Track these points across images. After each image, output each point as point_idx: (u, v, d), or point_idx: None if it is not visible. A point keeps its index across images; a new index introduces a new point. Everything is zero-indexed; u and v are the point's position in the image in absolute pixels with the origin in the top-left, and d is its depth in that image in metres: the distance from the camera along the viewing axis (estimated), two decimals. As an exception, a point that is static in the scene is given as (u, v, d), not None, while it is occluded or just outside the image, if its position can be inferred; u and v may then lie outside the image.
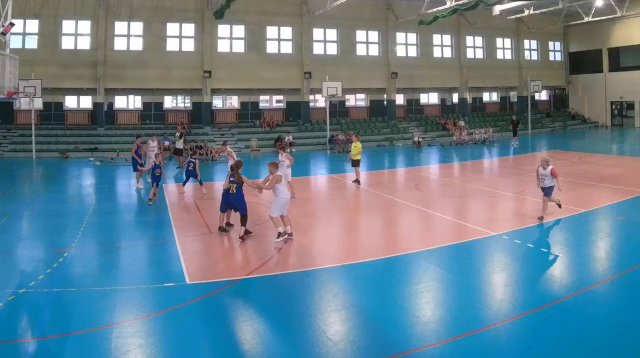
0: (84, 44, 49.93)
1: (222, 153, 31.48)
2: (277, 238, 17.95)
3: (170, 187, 29.56)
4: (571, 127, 67.44)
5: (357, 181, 29.91)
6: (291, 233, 18.21)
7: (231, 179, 18.53)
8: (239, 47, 54.80)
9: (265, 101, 58.68)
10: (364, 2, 55.97)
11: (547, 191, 20.43)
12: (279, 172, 18.60)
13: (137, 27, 51.35)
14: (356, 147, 30.62)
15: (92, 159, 42.54)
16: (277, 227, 18.07)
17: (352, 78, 55.54)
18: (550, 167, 20.10)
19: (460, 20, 61.36)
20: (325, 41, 57.95)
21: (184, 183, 28.44)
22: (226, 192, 18.78)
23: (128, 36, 51.30)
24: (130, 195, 28.28)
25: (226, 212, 19.37)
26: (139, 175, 30.03)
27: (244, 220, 18.35)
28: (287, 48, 56.46)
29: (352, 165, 30.79)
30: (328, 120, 52.47)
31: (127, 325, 11.44)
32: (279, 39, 56.08)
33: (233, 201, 18.51)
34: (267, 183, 18.30)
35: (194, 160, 27.88)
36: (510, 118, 56.46)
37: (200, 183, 28.16)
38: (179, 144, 40.65)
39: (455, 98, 64.84)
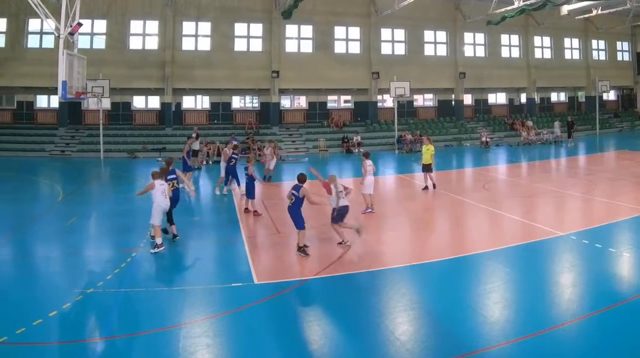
0: (152, 44, 46.36)
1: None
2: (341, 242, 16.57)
3: (238, 189, 26.07)
4: (639, 128, 60.88)
5: (426, 188, 26.29)
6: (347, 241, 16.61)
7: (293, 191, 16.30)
8: (307, 47, 49.79)
9: (333, 101, 53.32)
10: (432, 2, 50.37)
11: None
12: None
13: (205, 27, 47.27)
14: (428, 151, 26.35)
15: (159, 158, 38.41)
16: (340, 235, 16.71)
17: (420, 78, 49.89)
18: None
19: (528, 20, 54.91)
20: (393, 41, 52.00)
21: (238, 184, 25.38)
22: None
23: (196, 36, 47.11)
24: (198, 195, 26.12)
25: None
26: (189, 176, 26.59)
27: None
28: (355, 48, 50.87)
29: (423, 170, 26.78)
30: (396, 121, 48.21)
31: (195, 325, 10.90)
32: (347, 39, 50.65)
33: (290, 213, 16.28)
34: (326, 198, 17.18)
35: (236, 156, 25.03)
36: (566, 119, 51.23)
37: (238, 184, 25.31)
38: (195, 145, 35.74)
39: (523, 98, 58.33)
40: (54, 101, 45.54)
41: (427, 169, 26.33)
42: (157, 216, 16.28)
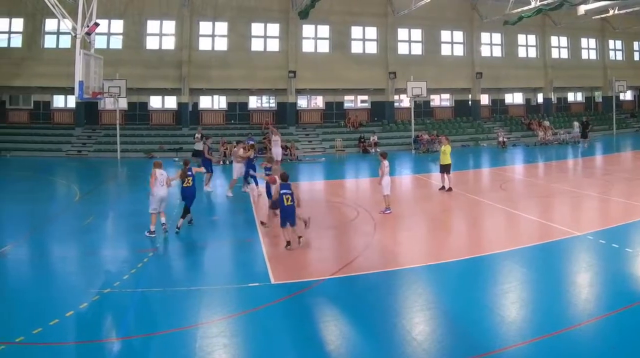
0: (169, 44, 45.37)
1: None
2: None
3: (256, 189, 25.48)
4: (655, 128, 59.20)
5: (443, 188, 25.41)
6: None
7: (283, 191, 16.05)
8: (324, 47, 48.52)
9: (350, 101, 52.03)
10: (449, 2, 48.96)
11: None
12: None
13: (222, 27, 46.15)
14: (446, 151, 25.58)
15: (176, 159, 37.67)
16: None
17: (437, 78, 48.40)
18: None
19: (545, 20, 53.37)
20: (410, 41, 50.58)
21: (257, 184, 24.93)
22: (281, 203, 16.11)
23: (213, 36, 46.04)
24: (216, 195, 25.52)
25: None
26: (209, 177, 26.54)
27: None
28: (371, 48, 49.51)
29: (441, 171, 25.77)
30: (413, 120, 46.86)
31: (212, 325, 10.67)
32: (364, 39, 49.29)
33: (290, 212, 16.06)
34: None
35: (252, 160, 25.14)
36: (581, 120, 49.74)
37: (256, 183, 24.94)
38: (199, 146, 34.50)
39: (540, 98, 56.79)
40: (71, 101, 44.73)
41: (445, 169, 25.44)
42: (152, 204, 17.01)
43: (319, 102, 51.18)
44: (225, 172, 32.78)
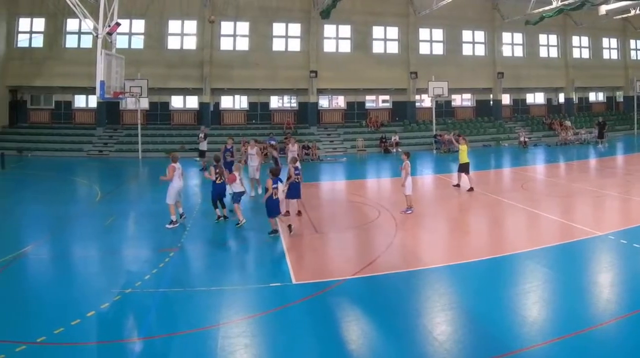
0: (190, 44, 44.25)
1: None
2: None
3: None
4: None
5: (458, 186, 25.38)
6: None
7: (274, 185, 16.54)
8: (345, 47, 46.98)
9: (371, 101, 50.44)
10: (470, 2, 47.17)
11: None
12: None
13: (243, 27, 45.03)
14: (464, 151, 25.29)
15: (198, 159, 36.08)
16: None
17: (458, 78, 46.85)
18: None
19: (566, 20, 51.56)
20: (431, 41, 48.94)
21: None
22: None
23: (234, 36, 44.93)
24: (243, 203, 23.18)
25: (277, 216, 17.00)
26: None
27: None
28: (393, 48, 47.90)
29: (459, 170, 25.62)
30: (434, 120, 45.26)
31: (233, 325, 10.38)
32: (385, 39, 47.69)
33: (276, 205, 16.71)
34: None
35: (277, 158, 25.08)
36: (597, 120, 47.84)
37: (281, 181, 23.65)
38: (203, 146, 34.01)
39: (561, 98, 55.05)
40: (92, 101, 43.67)
41: (464, 168, 25.16)
42: (172, 196, 17.55)
43: (340, 102, 49.79)
44: (245, 172, 31.36)
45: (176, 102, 46.33)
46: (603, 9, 47.01)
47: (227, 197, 19.28)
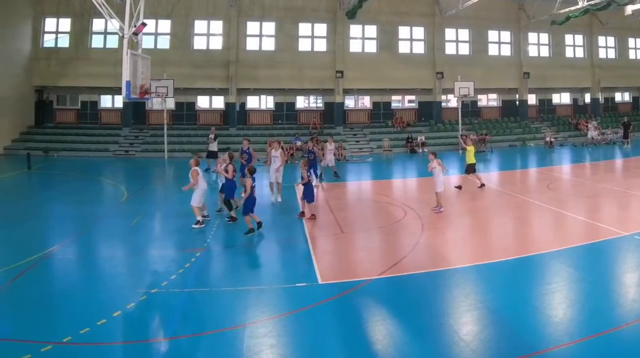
0: (216, 44, 42.90)
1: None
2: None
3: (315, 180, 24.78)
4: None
5: (460, 187, 24.16)
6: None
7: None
8: (371, 47, 45.24)
9: (397, 101, 48.67)
10: (496, 2, 45.26)
11: None
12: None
13: (269, 27, 43.53)
14: (471, 151, 24.76)
15: (204, 158, 34.28)
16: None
17: (484, 78, 45.04)
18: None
19: (592, 20, 49.44)
20: (457, 41, 47.08)
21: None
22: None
23: (260, 36, 43.46)
24: (262, 195, 22.56)
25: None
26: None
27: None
28: (419, 48, 46.10)
29: (467, 171, 24.90)
30: (460, 121, 43.35)
31: (260, 325, 10.06)
32: (411, 39, 45.92)
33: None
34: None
35: (314, 151, 24.42)
36: (622, 120, 45.83)
37: (321, 180, 25.22)
38: (213, 147, 32.27)
39: (587, 98, 52.98)
40: (118, 101, 42.24)
41: (470, 169, 24.66)
42: (198, 199, 17.17)
43: (366, 102, 47.98)
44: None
45: (202, 102, 44.99)
46: (629, 9, 44.96)
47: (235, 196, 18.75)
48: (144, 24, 24.15)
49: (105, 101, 43.92)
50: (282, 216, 19.70)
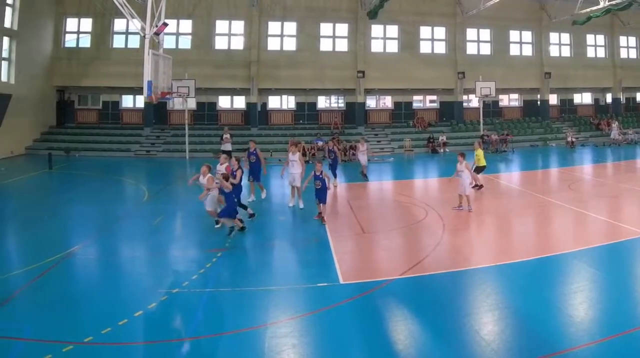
0: (238, 44, 41.85)
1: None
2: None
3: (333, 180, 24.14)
4: None
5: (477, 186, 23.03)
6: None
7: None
8: (393, 47, 43.99)
9: (419, 101, 47.32)
10: (517, 2, 44.00)
11: None
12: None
13: (291, 27, 42.40)
14: (479, 154, 24.23)
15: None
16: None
17: (506, 78, 43.79)
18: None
19: (613, 20, 47.89)
20: (478, 41, 45.69)
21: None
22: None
23: (281, 36, 42.31)
24: (283, 195, 23.05)
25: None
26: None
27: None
28: (440, 48, 44.83)
29: (476, 171, 23.31)
30: (482, 120, 42.60)
31: (281, 325, 9.78)
32: (433, 39, 44.63)
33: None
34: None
35: (335, 151, 23.81)
36: None
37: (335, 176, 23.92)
38: (227, 146, 31.75)
39: (608, 98, 51.37)
40: (140, 101, 41.08)
41: (480, 170, 23.95)
42: (211, 203, 16.27)
43: (387, 102, 46.72)
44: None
45: (224, 102, 43.86)
46: (650, 8, 44.10)
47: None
48: (165, 24, 24.02)
49: (127, 101, 42.94)
50: (302, 216, 18.99)
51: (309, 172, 18.78)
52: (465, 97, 46.30)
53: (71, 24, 40.23)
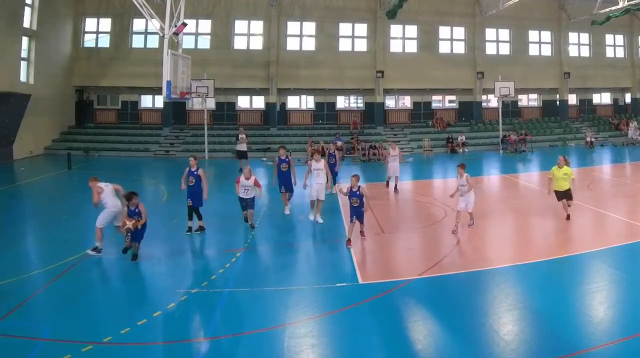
0: (257, 44, 40.18)
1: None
2: None
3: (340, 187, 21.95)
4: None
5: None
6: None
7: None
8: (412, 47, 42.03)
9: (438, 101, 45.46)
10: (536, 2, 41.91)
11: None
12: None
13: (310, 27, 40.65)
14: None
15: (264, 159, 33.85)
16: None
17: (525, 78, 41.71)
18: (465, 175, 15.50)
19: (632, 20, 45.70)
20: (497, 41, 43.62)
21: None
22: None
23: (300, 36, 40.65)
24: (303, 195, 20.96)
25: None
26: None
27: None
28: (459, 48, 42.84)
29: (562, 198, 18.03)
30: (500, 120, 40.14)
31: (300, 325, 9.49)
32: (452, 39, 42.66)
33: None
34: None
35: (335, 155, 21.87)
36: None
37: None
38: (242, 146, 29.91)
39: (627, 98, 49.22)
40: (159, 101, 39.68)
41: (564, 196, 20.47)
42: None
43: (406, 102, 44.79)
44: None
45: (243, 102, 42.25)
46: (670, 9, 42.01)
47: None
48: (184, 24, 23.23)
49: (146, 101, 41.46)
50: (323, 217, 17.59)
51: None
52: (484, 97, 44.37)
53: (90, 24, 38.86)
